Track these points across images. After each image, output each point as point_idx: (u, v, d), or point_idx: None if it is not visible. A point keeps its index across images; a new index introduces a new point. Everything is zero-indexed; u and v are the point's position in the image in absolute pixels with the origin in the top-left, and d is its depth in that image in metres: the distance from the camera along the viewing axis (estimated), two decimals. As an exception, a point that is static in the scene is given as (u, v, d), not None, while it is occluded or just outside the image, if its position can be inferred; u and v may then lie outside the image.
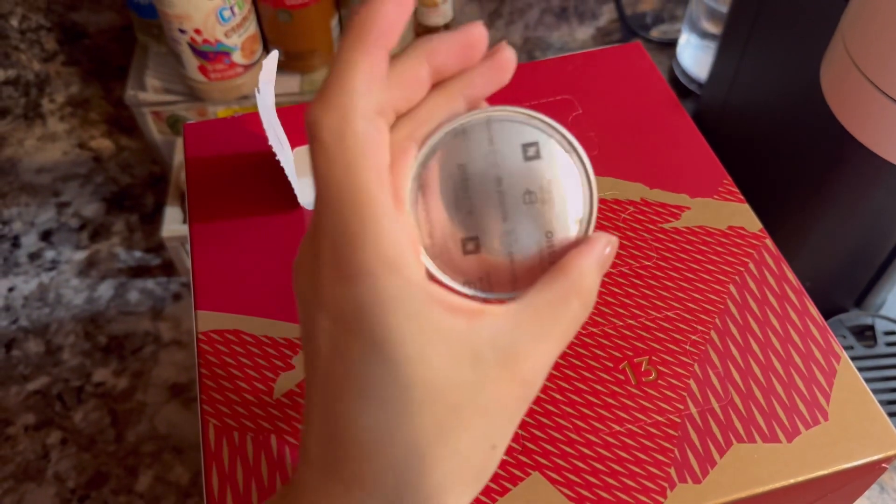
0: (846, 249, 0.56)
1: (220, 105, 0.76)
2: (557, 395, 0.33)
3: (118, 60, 0.89)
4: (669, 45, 0.87)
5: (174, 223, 0.69)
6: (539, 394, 0.32)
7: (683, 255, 0.37)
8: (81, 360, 0.69)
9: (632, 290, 0.35)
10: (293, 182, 0.39)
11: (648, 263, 0.36)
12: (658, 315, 0.35)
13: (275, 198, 0.40)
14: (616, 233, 0.38)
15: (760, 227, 0.38)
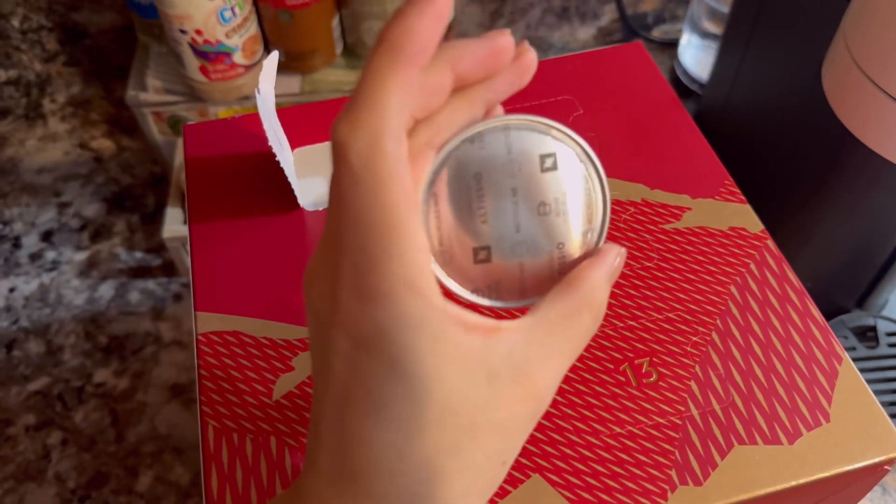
0: (848, 250, 0.56)
1: (221, 105, 0.76)
2: (558, 397, 0.32)
3: (119, 61, 0.89)
4: (671, 45, 0.87)
5: (175, 224, 0.69)
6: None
7: (684, 256, 0.37)
8: (82, 361, 0.69)
9: (633, 292, 0.35)
10: (293, 183, 0.39)
11: (649, 264, 0.36)
12: (659, 316, 0.35)
13: (275, 199, 0.40)
14: (617, 234, 0.37)
15: (762, 228, 0.38)
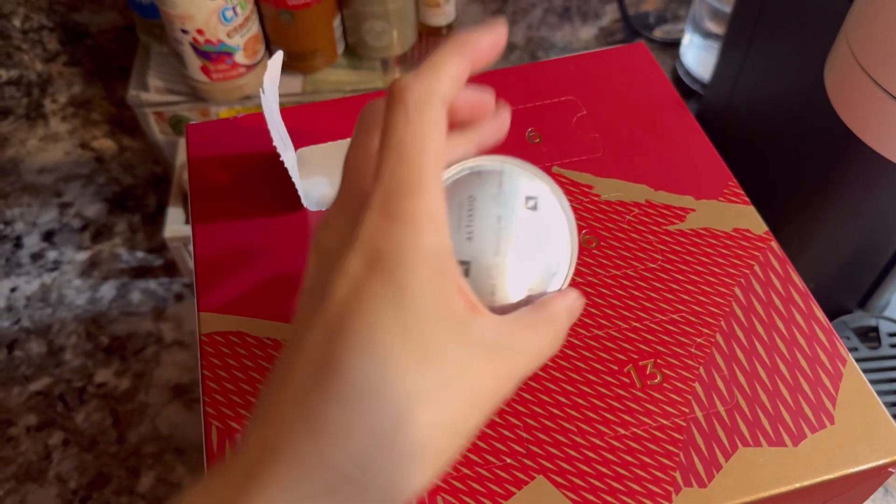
0: (850, 250, 0.56)
1: (223, 105, 0.76)
2: (562, 399, 0.32)
3: (120, 61, 0.89)
4: (672, 45, 0.87)
5: (176, 224, 0.69)
6: (542, 395, 0.32)
7: (688, 258, 0.36)
8: (83, 361, 0.69)
9: (636, 293, 0.35)
10: (297, 183, 0.39)
11: (653, 266, 0.36)
12: (663, 318, 0.35)
13: (278, 199, 0.40)
14: (620, 235, 0.37)
15: (766, 230, 0.38)
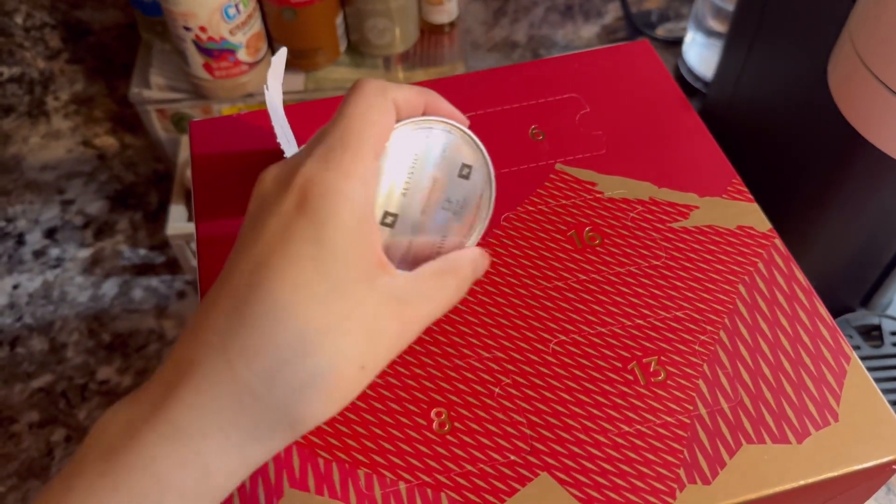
0: (853, 249, 0.56)
1: (225, 103, 0.75)
2: (566, 396, 0.32)
3: (122, 58, 0.89)
4: (675, 44, 0.87)
5: (179, 221, 0.69)
6: (546, 393, 0.32)
7: (692, 255, 0.36)
8: (86, 358, 0.69)
9: (640, 290, 0.35)
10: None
11: (657, 263, 0.36)
12: (667, 315, 0.35)
13: (281, 196, 0.40)
14: (625, 232, 0.37)
15: (770, 227, 0.38)
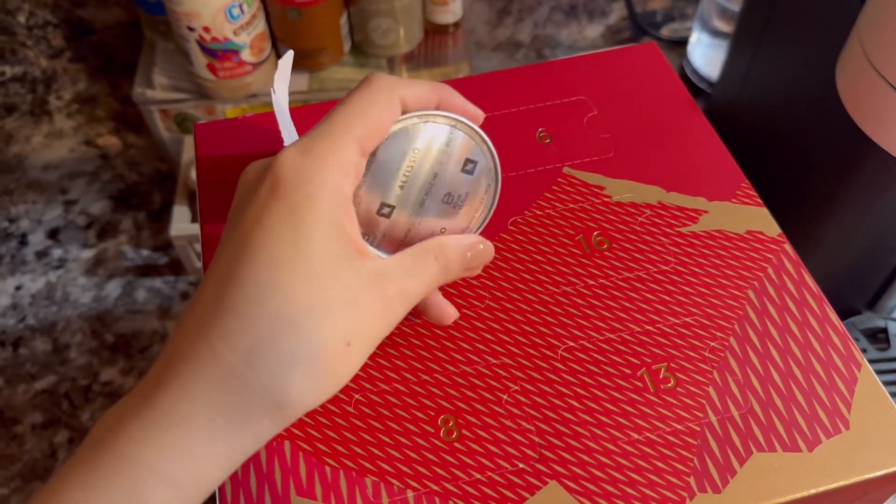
0: (859, 251, 0.56)
1: (229, 103, 0.75)
2: (575, 403, 0.32)
3: (125, 57, 0.89)
4: (680, 44, 0.87)
5: (182, 221, 0.69)
6: (554, 400, 0.32)
7: (702, 260, 0.36)
8: (89, 359, 0.69)
9: (650, 296, 0.35)
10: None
11: (666, 268, 0.36)
12: (676, 321, 0.34)
13: (287, 200, 0.40)
14: (633, 237, 0.37)
15: (779, 232, 0.37)
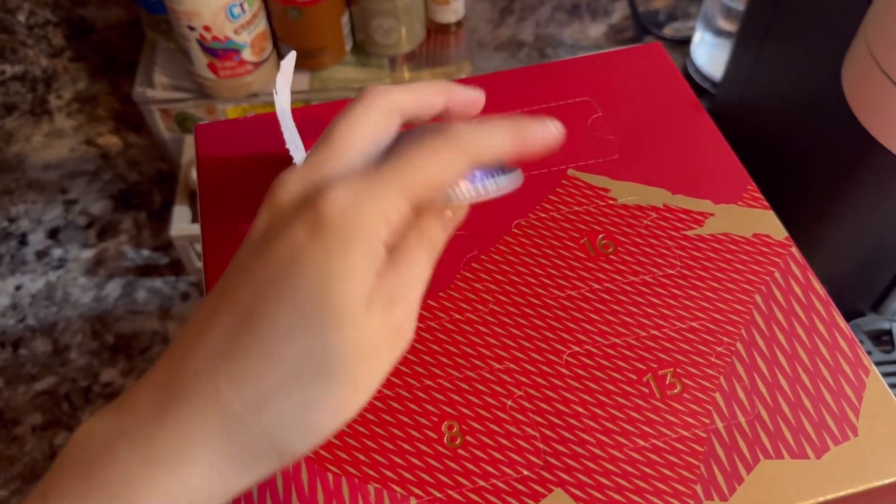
0: (863, 252, 0.55)
1: (230, 103, 0.75)
2: (580, 409, 0.32)
3: (126, 56, 0.89)
4: (683, 43, 0.86)
5: (183, 222, 0.69)
6: (559, 406, 0.32)
7: (708, 264, 0.36)
8: (89, 360, 0.69)
9: (655, 300, 0.35)
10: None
11: (672, 272, 0.36)
12: (682, 326, 0.34)
13: (289, 202, 0.39)
14: (639, 240, 0.37)
15: (786, 235, 0.37)
